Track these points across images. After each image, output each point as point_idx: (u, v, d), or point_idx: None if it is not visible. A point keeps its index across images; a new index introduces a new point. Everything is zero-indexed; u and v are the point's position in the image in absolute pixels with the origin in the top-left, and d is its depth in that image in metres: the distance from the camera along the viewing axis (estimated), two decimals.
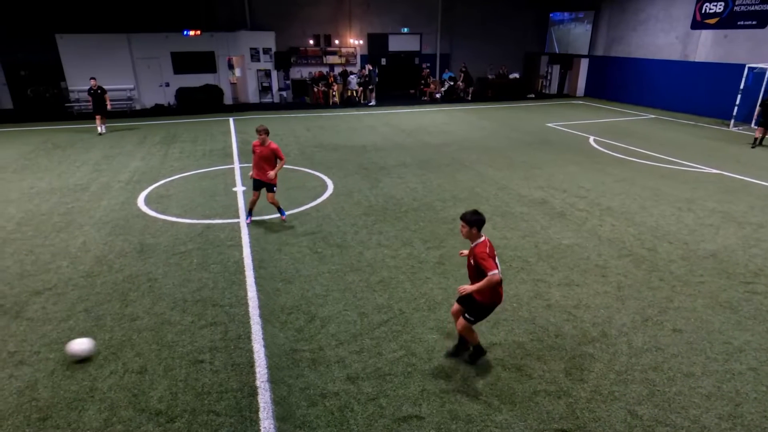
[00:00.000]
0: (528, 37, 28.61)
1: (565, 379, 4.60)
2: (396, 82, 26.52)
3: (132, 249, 7.41)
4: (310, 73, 24.86)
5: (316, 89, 23.72)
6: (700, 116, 19.64)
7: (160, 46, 21.24)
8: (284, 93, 23.98)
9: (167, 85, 21.82)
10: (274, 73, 23.35)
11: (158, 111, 21.13)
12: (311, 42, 24.78)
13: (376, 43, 25.83)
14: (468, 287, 4.36)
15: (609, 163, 12.44)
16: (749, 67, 16.81)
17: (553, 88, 28.16)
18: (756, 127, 15.11)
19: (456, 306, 4.83)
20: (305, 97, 24.31)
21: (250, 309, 5.79)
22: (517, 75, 27.59)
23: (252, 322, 5.52)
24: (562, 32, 27.55)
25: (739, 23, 18.20)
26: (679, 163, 12.56)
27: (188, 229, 8.17)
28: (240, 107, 22.28)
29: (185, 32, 21.19)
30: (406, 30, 26.11)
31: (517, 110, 21.83)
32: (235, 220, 8.55)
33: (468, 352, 4.92)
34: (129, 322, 5.53)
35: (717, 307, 5.83)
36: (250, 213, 8.48)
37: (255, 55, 22.72)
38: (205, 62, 22.14)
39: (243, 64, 23.07)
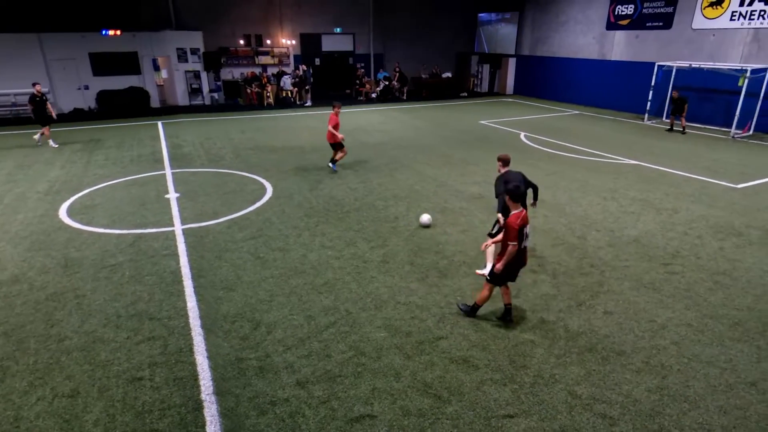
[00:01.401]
0: (458, 37, 29.41)
1: (509, 367, 4.78)
2: (331, 82, 26.38)
3: (55, 264, 6.89)
4: (242, 73, 24.19)
5: (249, 90, 23.13)
6: (619, 111, 21.03)
7: (77, 46, 19.85)
8: (216, 94, 23.18)
9: (86, 87, 20.45)
10: (203, 75, 22.51)
11: (78, 116, 19.76)
12: (242, 42, 24.13)
13: (309, 43, 25.57)
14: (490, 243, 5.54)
15: (540, 158, 13.04)
16: (658, 65, 18.20)
17: (485, 87, 29.11)
18: (669, 120, 16.72)
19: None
20: (238, 98, 23.62)
21: (191, 320, 5.56)
22: (449, 74, 28.27)
23: (193, 334, 5.30)
24: (490, 32, 28.54)
25: (647, 24, 19.67)
26: (602, 155, 13.38)
27: (118, 240, 7.71)
28: (169, 110, 21.29)
29: (104, 32, 19.95)
30: (339, 30, 26.04)
31: (450, 109, 22.38)
32: (170, 229, 8.18)
33: (508, 319, 5.50)
34: (56, 343, 5.14)
35: (642, 288, 6.28)
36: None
37: (182, 56, 21.79)
38: (128, 63, 20.92)
39: (170, 65, 22.06)
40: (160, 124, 18.11)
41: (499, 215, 6.32)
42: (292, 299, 6.01)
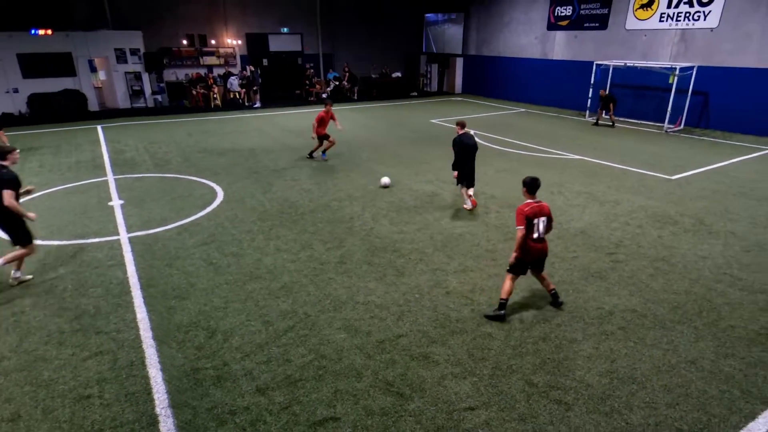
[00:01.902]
0: (407, 37, 29.69)
1: (468, 360, 4.88)
2: (280, 82, 25.99)
3: None
4: (186, 75, 23.42)
5: (195, 92, 22.42)
6: (562, 108, 21.88)
7: (4, 46, 18.56)
8: (159, 97, 22.33)
9: (15, 91, 19.18)
10: (145, 76, 21.63)
11: (8, 120, 18.45)
12: (185, 42, 23.37)
13: (256, 44, 25.08)
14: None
15: (490, 155, 13.37)
16: (596, 64, 19.08)
17: (434, 87, 29.56)
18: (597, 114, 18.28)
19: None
20: (183, 100, 22.83)
21: (142, 332, 5.33)
22: (399, 74, 28.50)
23: (145, 346, 5.08)
24: (437, 33, 28.99)
25: (585, 25, 20.59)
26: (548, 151, 13.89)
27: (58, 252, 7.29)
28: (108, 113, 20.32)
29: (33, 31, 18.78)
30: (285, 30, 25.70)
31: (401, 108, 22.57)
32: (115, 237, 7.81)
33: (559, 302, 5.82)
34: None
35: (589, 277, 6.56)
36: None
37: (121, 57, 20.87)
38: (61, 65, 19.78)
39: (108, 67, 21.05)
40: (99, 128, 17.25)
41: (455, 173, 8.94)
42: (249, 305, 5.88)
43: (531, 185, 5.52)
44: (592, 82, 19.30)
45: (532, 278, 6.51)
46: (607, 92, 17.93)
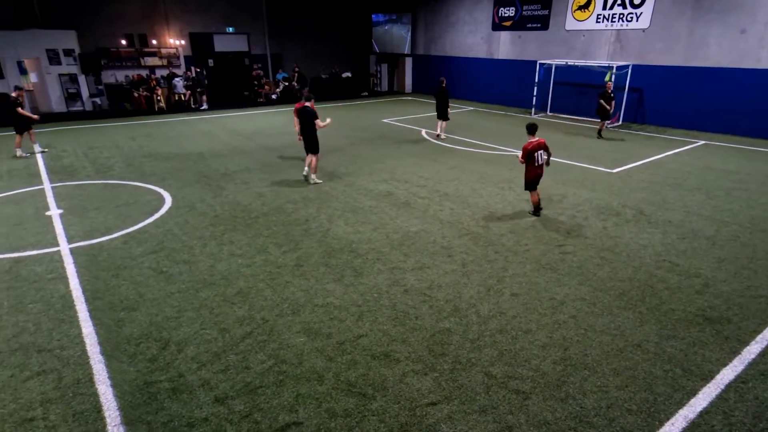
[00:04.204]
0: (355, 37, 29.66)
1: (428, 356, 4.94)
2: (227, 84, 25.30)
3: None
4: (127, 76, 22.42)
5: (137, 94, 21.50)
6: (509, 107, 22.52)
7: None
8: (98, 99, 21.26)
9: None
10: (81, 78, 20.53)
11: None
12: (124, 42, 22.35)
13: (201, 44, 24.29)
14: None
15: (441, 153, 13.59)
16: (540, 63, 19.77)
17: (384, 86, 29.70)
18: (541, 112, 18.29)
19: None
20: (125, 103, 21.81)
21: (88, 347, 5.07)
22: (349, 74, 28.44)
23: (92, 362, 4.83)
24: (385, 33, 29.13)
25: (527, 25, 21.28)
26: (497, 148, 14.26)
27: None
28: (42, 118, 19.09)
29: None
30: (231, 29, 25.07)
31: (352, 108, 22.54)
32: (54, 249, 7.37)
33: (536, 212, 8.72)
34: None
35: (541, 269, 6.80)
36: None
37: (54, 58, 19.72)
38: None
39: (40, 68, 19.83)
40: None
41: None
42: (203, 313, 5.70)
43: (530, 128, 8.31)
44: (536, 80, 19.98)
45: (487, 272, 6.68)
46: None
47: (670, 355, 4.94)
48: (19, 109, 12.80)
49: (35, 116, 13.51)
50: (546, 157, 8.48)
